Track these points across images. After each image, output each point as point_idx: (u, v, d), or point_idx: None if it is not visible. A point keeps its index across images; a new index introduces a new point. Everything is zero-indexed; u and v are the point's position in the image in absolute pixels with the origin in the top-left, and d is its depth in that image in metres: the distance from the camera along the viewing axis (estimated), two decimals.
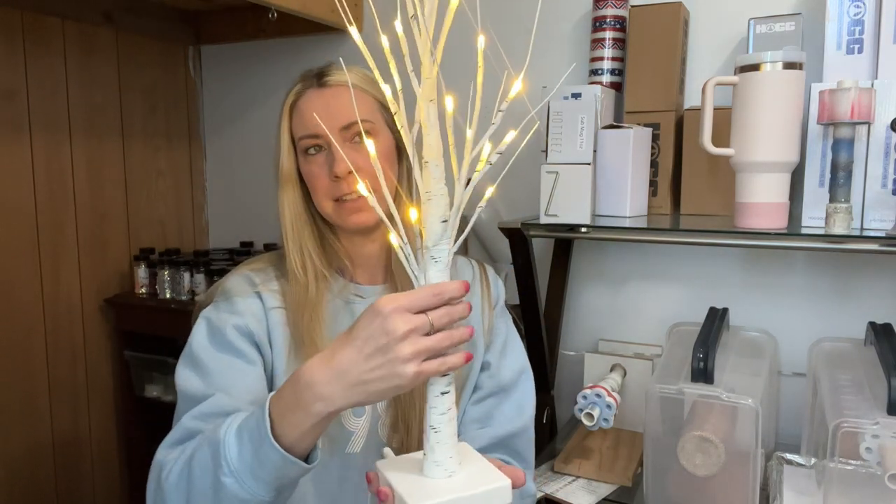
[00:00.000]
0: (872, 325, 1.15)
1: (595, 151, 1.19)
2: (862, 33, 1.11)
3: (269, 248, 1.84)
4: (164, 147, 1.98)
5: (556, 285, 1.46)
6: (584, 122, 1.16)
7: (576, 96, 1.22)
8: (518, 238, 1.23)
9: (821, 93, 1.04)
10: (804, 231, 1.08)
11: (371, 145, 0.62)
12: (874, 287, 1.26)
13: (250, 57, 1.95)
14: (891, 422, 0.92)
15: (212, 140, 2.08)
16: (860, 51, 1.11)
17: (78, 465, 1.79)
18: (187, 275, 1.76)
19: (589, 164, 1.16)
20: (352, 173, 0.86)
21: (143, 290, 1.82)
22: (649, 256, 1.44)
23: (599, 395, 1.20)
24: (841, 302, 1.28)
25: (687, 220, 1.24)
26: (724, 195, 1.22)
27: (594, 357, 1.42)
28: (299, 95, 0.92)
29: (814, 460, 1.13)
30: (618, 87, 1.36)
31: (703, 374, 1.03)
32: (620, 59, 1.35)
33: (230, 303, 0.89)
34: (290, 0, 1.48)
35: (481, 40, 0.58)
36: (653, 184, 1.29)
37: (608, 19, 1.33)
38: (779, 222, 1.07)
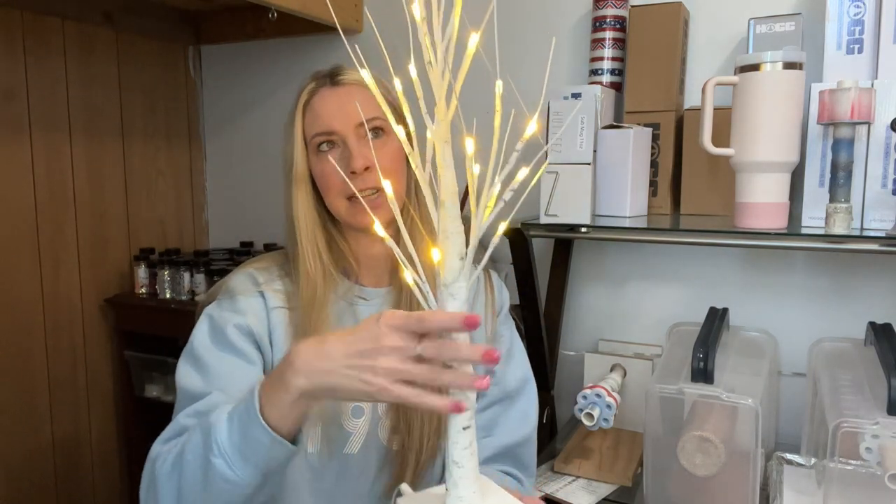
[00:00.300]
0: (872, 325, 1.15)
1: (595, 151, 1.19)
2: (862, 33, 1.11)
3: (269, 248, 1.83)
4: (163, 147, 1.98)
5: (556, 285, 1.46)
6: (584, 122, 1.16)
7: (576, 96, 1.22)
8: (518, 238, 1.23)
9: (821, 93, 1.04)
10: (804, 231, 1.08)
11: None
12: (874, 287, 1.26)
13: (250, 57, 1.95)
14: (891, 422, 0.92)
15: (212, 140, 2.08)
16: (860, 51, 1.11)
17: (78, 465, 1.79)
18: (187, 275, 1.76)
19: (589, 164, 1.16)
20: (368, 169, 0.87)
21: (143, 291, 1.82)
22: (649, 256, 1.43)
23: (599, 395, 1.20)
24: (841, 302, 1.28)
25: (687, 220, 1.24)
26: (724, 195, 1.22)
27: (594, 357, 1.42)
28: (313, 94, 0.92)
29: (814, 460, 1.13)
30: (618, 87, 1.36)
31: (703, 374, 1.03)
32: (620, 59, 1.35)
33: (233, 301, 0.90)
34: (290, 0, 1.48)
35: (499, 85, 0.57)
36: (653, 184, 1.29)
37: (608, 19, 1.33)
38: (779, 222, 1.07)
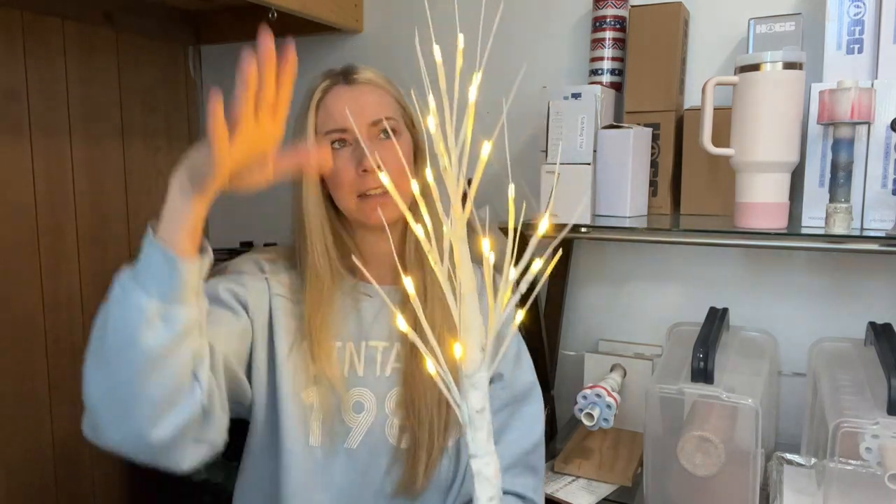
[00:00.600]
0: (872, 325, 1.15)
1: (595, 151, 1.19)
2: (862, 33, 1.11)
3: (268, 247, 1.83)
4: (164, 147, 1.97)
5: (556, 285, 1.46)
6: (584, 122, 1.16)
7: (576, 96, 1.22)
8: (518, 238, 1.23)
9: (821, 93, 1.04)
10: (804, 231, 1.08)
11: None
12: (874, 287, 1.26)
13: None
14: (891, 422, 0.92)
15: None
16: (860, 51, 1.11)
17: (78, 465, 1.79)
18: None
19: (589, 164, 1.16)
20: (380, 167, 0.88)
21: None
22: (649, 256, 1.43)
23: (599, 395, 1.20)
24: (841, 302, 1.28)
25: (687, 220, 1.24)
26: (724, 195, 1.22)
27: (594, 357, 1.42)
28: (326, 92, 0.93)
29: (814, 460, 1.13)
30: (618, 87, 1.36)
31: (703, 374, 1.03)
32: (620, 59, 1.35)
33: (238, 275, 0.92)
34: (290, 0, 1.48)
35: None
36: (653, 184, 1.29)
37: (608, 19, 1.33)
38: (779, 222, 1.07)
